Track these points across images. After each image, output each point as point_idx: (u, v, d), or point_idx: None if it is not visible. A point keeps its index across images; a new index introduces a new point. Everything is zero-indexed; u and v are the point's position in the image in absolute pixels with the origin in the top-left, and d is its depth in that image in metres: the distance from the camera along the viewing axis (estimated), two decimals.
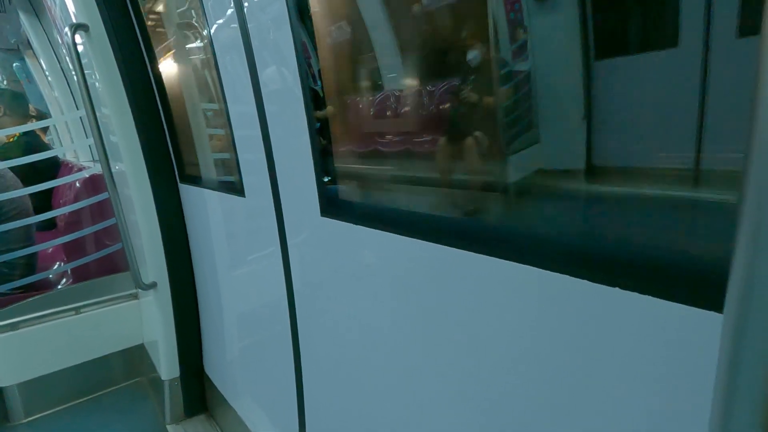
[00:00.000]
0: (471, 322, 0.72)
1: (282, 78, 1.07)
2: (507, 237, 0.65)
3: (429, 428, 0.88)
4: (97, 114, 1.84)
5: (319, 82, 1.07)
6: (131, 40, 1.79)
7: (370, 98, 1.01)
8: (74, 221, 2.58)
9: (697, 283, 0.45)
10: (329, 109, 1.05)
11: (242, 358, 1.77)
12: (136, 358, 2.47)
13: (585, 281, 0.53)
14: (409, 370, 0.90)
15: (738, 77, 0.47)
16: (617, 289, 0.50)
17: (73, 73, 1.78)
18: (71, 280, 2.64)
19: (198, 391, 2.20)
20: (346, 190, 1.04)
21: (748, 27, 0.45)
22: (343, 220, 0.97)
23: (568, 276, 0.55)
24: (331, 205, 1.02)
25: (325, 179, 1.03)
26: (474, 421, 0.77)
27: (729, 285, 0.24)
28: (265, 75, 1.14)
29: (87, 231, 2.45)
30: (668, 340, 0.47)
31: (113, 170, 1.96)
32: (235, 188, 1.46)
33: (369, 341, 1.00)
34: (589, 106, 0.61)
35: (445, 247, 0.72)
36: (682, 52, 0.52)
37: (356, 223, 0.92)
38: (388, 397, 0.98)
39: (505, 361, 0.68)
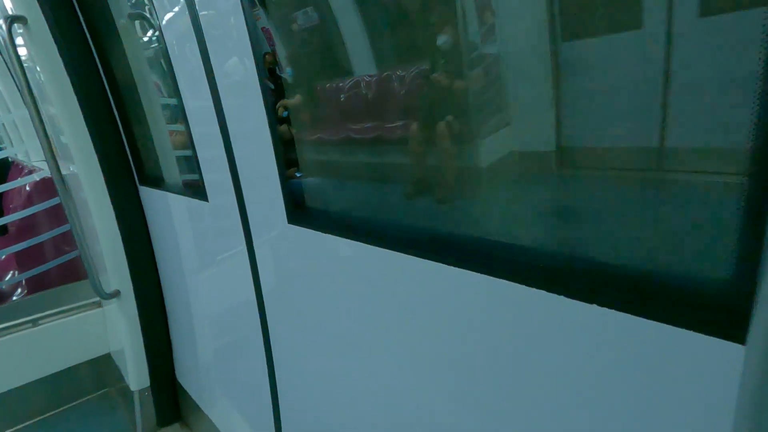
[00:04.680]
0: (444, 336, 0.70)
1: (238, 69, 1.00)
2: (479, 249, 0.62)
3: (399, 425, 0.87)
4: (42, 113, 1.70)
5: (288, 70, 1.01)
6: (75, 33, 1.66)
7: (337, 88, 0.96)
8: (27, 227, 2.42)
9: (673, 300, 0.42)
10: (293, 101, 0.99)
11: (215, 365, 1.71)
12: (102, 369, 2.36)
13: (561, 297, 0.50)
14: (378, 373, 0.89)
15: (701, 56, 0.45)
16: (594, 305, 0.47)
17: (10, 69, 1.64)
18: (26, 291, 2.48)
19: (170, 399, 2.12)
20: (313, 198, 0.99)
21: (709, 7, 0.44)
22: (310, 228, 0.92)
23: (543, 291, 0.52)
24: (298, 212, 0.97)
25: (291, 173, 0.98)
26: (441, 419, 0.75)
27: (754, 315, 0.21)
28: (220, 67, 1.07)
29: (41, 238, 2.30)
30: (643, 354, 0.45)
31: (65, 173, 1.83)
32: (198, 192, 1.38)
33: (340, 345, 0.98)
34: (556, 89, 0.59)
35: (415, 258, 0.69)
36: (646, 34, 0.50)
37: (324, 232, 0.88)
38: (360, 397, 0.97)
39: (480, 370, 0.65)
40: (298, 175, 1.01)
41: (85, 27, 1.67)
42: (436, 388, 0.76)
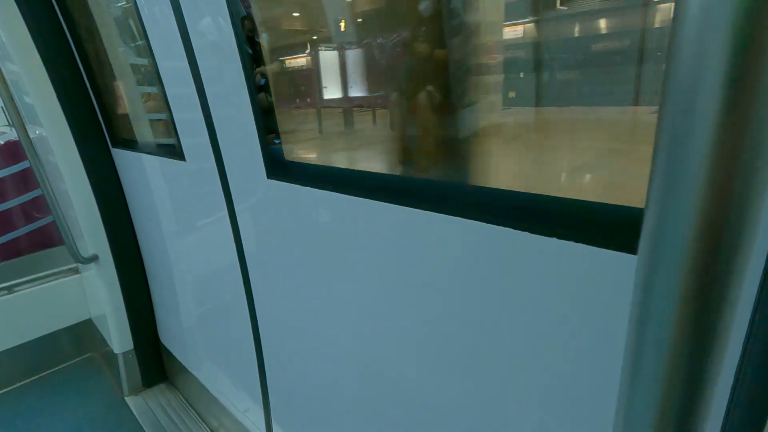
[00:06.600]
0: (423, 278, 0.74)
1: (213, 29, 0.98)
2: (453, 194, 0.66)
3: (384, 377, 0.92)
4: (3, 71, 1.62)
5: (264, 35, 0.99)
6: None
7: (316, 52, 0.95)
8: None
9: (623, 229, 0.48)
10: (272, 63, 0.98)
11: (199, 325, 1.74)
12: (84, 334, 2.37)
13: (526, 233, 0.55)
14: (362, 325, 0.93)
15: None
16: (554, 239, 0.52)
17: None
18: None
19: (155, 361, 2.16)
20: (292, 151, 1.00)
21: None
22: (290, 182, 0.94)
23: (510, 229, 0.56)
24: (278, 167, 0.98)
25: (270, 139, 0.98)
26: (426, 366, 0.81)
27: (642, 228, 0.25)
28: (195, 25, 1.04)
29: (10, 204, 2.24)
30: (601, 280, 0.51)
31: (33, 135, 1.76)
32: (174, 152, 1.36)
33: (322, 299, 1.01)
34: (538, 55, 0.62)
35: (394, 205, 0.72)
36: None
37: (303, 185, 0.90)
38: (343, 351, 1.01)
39: (456, 311, 0.70)
40: (276, 141, 1.01)
41: None
42: (421, 332, 0.79)
